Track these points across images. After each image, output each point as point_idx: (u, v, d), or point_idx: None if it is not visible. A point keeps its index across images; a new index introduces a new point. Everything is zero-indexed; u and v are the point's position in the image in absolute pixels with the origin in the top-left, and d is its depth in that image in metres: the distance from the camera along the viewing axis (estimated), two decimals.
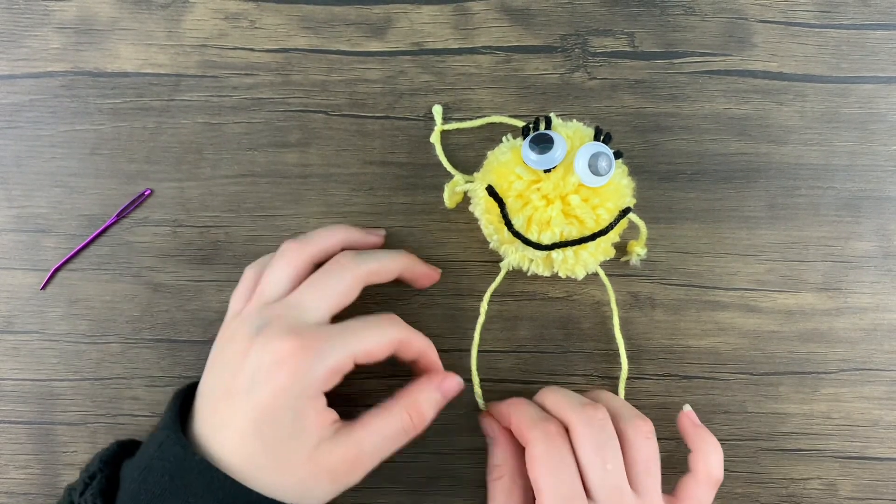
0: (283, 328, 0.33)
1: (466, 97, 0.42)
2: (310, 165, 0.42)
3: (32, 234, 0.42)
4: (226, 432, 0.32)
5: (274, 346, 0.32)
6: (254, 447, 0.32)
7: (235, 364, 0.33)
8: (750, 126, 0.42)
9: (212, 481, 0.31)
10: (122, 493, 0.33)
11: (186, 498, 0.31)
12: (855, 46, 0.43)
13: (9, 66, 0.42)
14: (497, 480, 0.37)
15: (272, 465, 0.32)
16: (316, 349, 0.32)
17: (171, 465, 0.32)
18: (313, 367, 0.32)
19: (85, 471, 0.34)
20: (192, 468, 0.31)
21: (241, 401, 0.32)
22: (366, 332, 0.34)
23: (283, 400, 0.32)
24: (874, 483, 0.41)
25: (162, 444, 0.33)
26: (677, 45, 0.43)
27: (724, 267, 0.42)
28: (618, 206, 0.36)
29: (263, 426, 0.32)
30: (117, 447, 0.36)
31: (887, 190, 0.42)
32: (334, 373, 0.33)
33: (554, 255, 0.37)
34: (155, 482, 0.32)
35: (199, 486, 0.31)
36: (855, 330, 0.42)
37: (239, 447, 0.32)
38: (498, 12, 0.43)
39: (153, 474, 0.32)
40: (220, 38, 0.42)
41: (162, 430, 0.33)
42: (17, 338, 0.42)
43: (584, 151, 0.35)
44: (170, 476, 0.32)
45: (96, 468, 0.34)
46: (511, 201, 0.36)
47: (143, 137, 0.42)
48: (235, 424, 0.32)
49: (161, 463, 0.32)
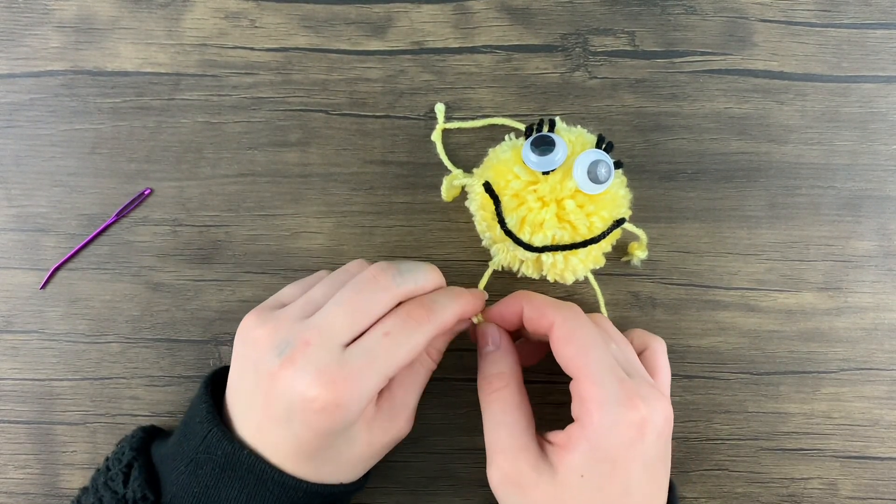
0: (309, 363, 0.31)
1: (467, 96, 0.42)
2: (310, 165, 0.42)
3: (32, 234, 0.42)
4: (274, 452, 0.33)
5: (304, 392, 0.31)
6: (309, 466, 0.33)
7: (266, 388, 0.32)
8: (750, 125, 0.42)
9: (263, 475, 0.32)
10: (169, 484, 0.33)
11: (241, 489, 0.32)
12: (855, 46, 0.43)
13: (8, 66, 0.42)
14: (500, 391, 0.34)
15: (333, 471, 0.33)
16: (349, 396, 0.31)
17: (221, 460, 0.32)
18: (350, 410, 0.31)
19: (116, 460, 0.35)
20: (242, 463, 0.32)
21: (284, 430, 0.32)
22: (396, 350, 0.32)
23: (329, 438, 0.32)
24: (875, 482, 0.41)
25: (206, 438, 0.33)
26: (678, 44, 0.43)
27: (725, 266, 0.42)
28: (612, 215, 0.36)
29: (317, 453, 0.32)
30: (142, 433, 0.36)
31: (888, 189, 0.42)
32: (371, 400, 0.33)
33: (544, 258, 0.37)
34: (206, 475, 0.32)
35: (251, 480, 0.32)
36: (855, 329, 0.42)
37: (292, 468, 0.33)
38: (498, 11, 0.43)
39: (202, 468, 0.32)
40: (220, 37, 0.42)
41: (201, 424, 0.33)
42: (17, 337, 0.41)
43: (585, 158, 0.35)
44: (220, 469, 0.32)
45: (130, 457, 0.34)
46: (507, 200, 0.36)
47: (142, 137, 0.42)
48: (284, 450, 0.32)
49: (208, 457, 0.32)
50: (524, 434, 0.33)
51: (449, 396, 0.41)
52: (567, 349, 0.33)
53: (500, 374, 0.35)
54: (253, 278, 0.41)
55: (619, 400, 0.31)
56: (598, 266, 0.39)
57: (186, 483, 0.32)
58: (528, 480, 0.32)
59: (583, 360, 0.32)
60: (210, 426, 0.33)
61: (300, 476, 0.33)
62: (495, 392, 0.34)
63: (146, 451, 0.35)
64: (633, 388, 0.32)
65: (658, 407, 0.32)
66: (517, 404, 0.34)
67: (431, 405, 0.41)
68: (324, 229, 0.42)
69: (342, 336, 0.32)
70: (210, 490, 0.32)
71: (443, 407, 0.41)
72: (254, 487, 0.32)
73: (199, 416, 0.34)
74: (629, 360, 0.34)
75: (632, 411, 0.31)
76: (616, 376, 0.32)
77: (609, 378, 0.31)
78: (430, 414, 0.41)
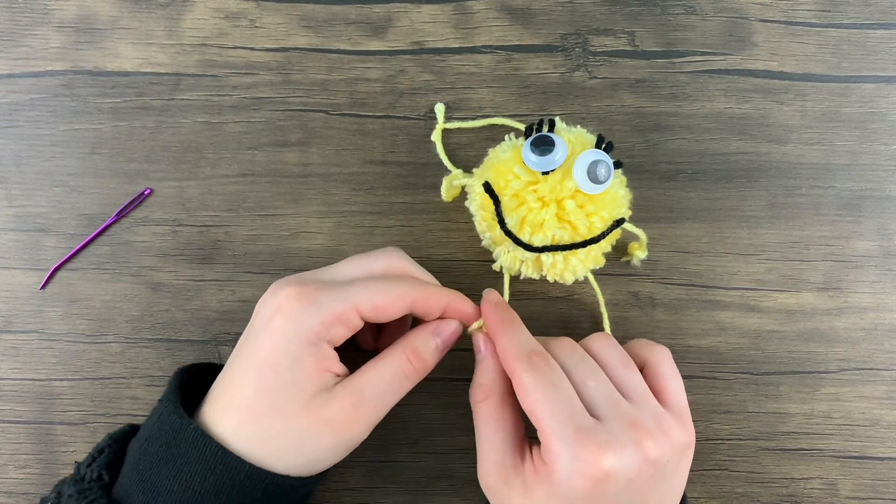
0: (293, 278, 0.34)
1: (467, 96, 0.42)
2: (310, 165, 0.42)
3: (32, 234, 0.42)
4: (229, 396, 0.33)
5: (277, 294, 0.33)
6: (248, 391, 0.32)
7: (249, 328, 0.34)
8: (750, 125, 0.42)
9: (205, 450, 0.31)
10: (125, 466, 0.33)
11: (181, 466, 0.31)
12: (855, 46, 0.43)
13: (8, 66, 0.42)
14: (483, 402, 0.35)
15: (269, 415, 0.32)
16: (315, 296, 0.32)
17: (168, 435, 0.32)
18: (309, 311, 0.32)
19: (94, 447, 0.35)
20: (186, 437, 0.31)
21: (243, 351, 0.33)
22: (373, 285, 0.33)
23: (280, 345, 0.32)
24: (874, 482, 0.41)
25: (161, 414, 0.33)
26: (678, 44, 0.43)
27: (725, 266, 0.42)
28: (612, 215, 0.36)
29: (262, 374, 0.32)
30: (128, 427, 0.36)
31: (888, 189, 0.42)
32: (334, 320, 0.32)
33: (544, 258, 0.37)
34: (153, 452, 0.32)
35: (193, 455, 0.31)
36: (855, 329, 0.42)
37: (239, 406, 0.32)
38: (498, 11, 0.43)
39: (152, 444, 0.32)
40: (220, 37, 0.42)
41: (161, 402, 0.34)
42: (17, 337, 0.41)
43: (584, 158, 0.35)
44: (166, 445, 0.32)
45: (105, 444, 0.34)
46: (507, 200, 0.36)
47: (142, 137, 0.42)
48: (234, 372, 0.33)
49: (159, 433, 0.32)
50: (500, 448, 0.34)
51: (449, 396, 0.41)
52: (524, 401, 0.32)
53: (483, 386, 0.35)
54: (253, 278, 0.41)
55: (574, 455, 0.30)
56: (597, 266, 0.39)
57: (136, 461, 0.32)
58: (502, 494, 0.33)
59: (539, 413, 0.31)
60: (166, 402, 0.33)
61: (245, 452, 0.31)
62: (478, 403, 0.35)
63: (125, 441, 0.35)
64: (594, 439, 0.30)
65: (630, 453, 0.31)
66: (497, 417, 0.34)
67: (431, 405, 0.41)
68: (324, 229, 0.42)
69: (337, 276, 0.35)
70: (153, 468, 0.31)
71: (443, 407, 0.41)
72: (195, 465, 0.31)
73: (163, 394, 0.34)
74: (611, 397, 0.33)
75: (589, 465, 0.30)
76: (574, 427, 0.31)
77: (564, 430, 0.31)
78: (430, 414, 0.41)
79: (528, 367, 0.33)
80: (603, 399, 0.32)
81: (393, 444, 0.41)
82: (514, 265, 0.38)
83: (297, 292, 0.32)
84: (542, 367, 0.33)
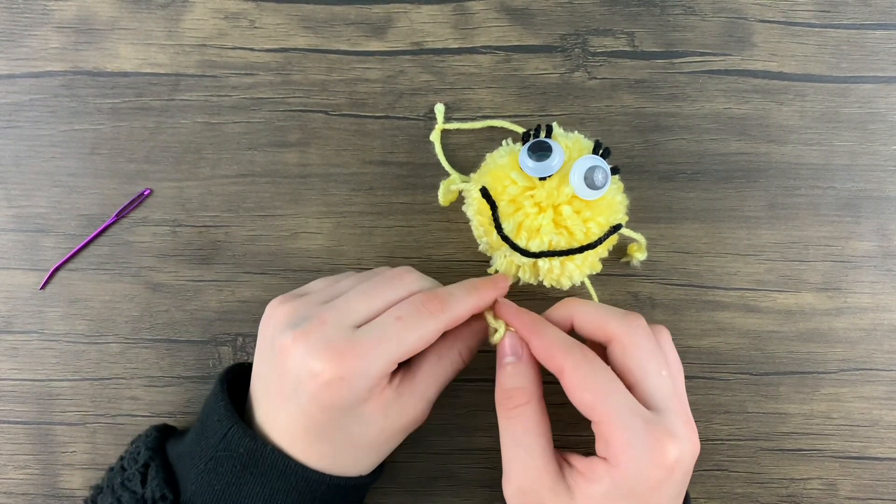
0: (320, 339, 0.31)
1: (466, 97, 0.42)
2: (309, 165, 0.42)
3: (32, 234, 0.42)
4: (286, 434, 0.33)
5: (312, 365, 0.31)
6: (322, 447, 0.33)
7: (279, 361, 0.32)
8: (750, 126, 0.42)
9: (286, 469, 0.32)
10: (188, 483, 0.33)
11: (262, 486, 0.32)
12: (855, 46, 0.43)
13: (8, 66, 0.42)
14: (521, 408, 0.33)
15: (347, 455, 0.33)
16: (354, 371, 0.31)
17: (243, 456, 0.32)
18: (354, 387, 0.31)
19: (132, 459, 0.35)
20: (264, 458, 0.32)
21: (293, 407, 0.32)
22: (405, 335, 0.32)
23: (335, 413, 0.32)
24: (874, 483, 0.41)
25: (226, 435, 0.33)
26: (677, 44, 0.43)
27: (724, 267, 0.42)
28: (609, 221, 0.36)
29: (325, 432, 0.32)
30: (156, 433, 0.36)
31: (887, 190, 0.42)
32: (378, 380, 0.32)
33: (541, 263, 0.36)
34: (227, 472, 0.32)
35: (273, 475, 0.32)
36: (855, 330, 0.42)
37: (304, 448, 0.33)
38: (498, 12, 0.43)
39: (222, 465, 0.32)
40: (220, 38, 0.42)
41: (220, 422, 0.33)
42: (17, 338, 0.41)
43: (582, 163, 0.35)
44: (242, 465, 0.32)
45: (147, 457, 0.34)
46: (504, 205, 0.36)
47: (142, 137, 0.42)
48: (294, 429, 0.32)
49: (229, 454, 0.32)
50: (543, 454, 0.33)
51: (449, 396, 0.41)
52: (583, 396, 0.32)
53: (521, 390, 0.34)
54: (252, 279, 0.41)
55: (647, 445, 0.30)
56: (594, 272, 0.38)
57: (207, 481, 0.32)
58: (544, 502, 0.32)
59: (602, 407, 0.31)
60: (230, 423, 0.33)
61: (318, 465, 0.33)
62: (516, 409, 0.34)
63: (162, 451, 0.35)
64: (662, 429, 0.31)
65: (688, 443, 0.32)
66: (537, 422, 0.33)
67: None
68: (323, 230, 0.42)
69: (358, 317, 0.33)
70: (231, 487, 0.32)
71: (443, 407, 0.41)
72: (277, 482, 0.32)
73: (216, 413, 0.34)
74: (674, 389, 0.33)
75: (661, 455, 0.30)
76: (642, 418, 0.31)
77: (634, 421, 0.31)
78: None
79: (583, 360, 0.32)
80: (667, 393, 0.32)
81: None
82: (511, 270, 0.38)
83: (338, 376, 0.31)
84: (592, 358, 0.32)
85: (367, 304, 0.33)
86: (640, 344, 0.33)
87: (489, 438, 0.41)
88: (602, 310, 0.35)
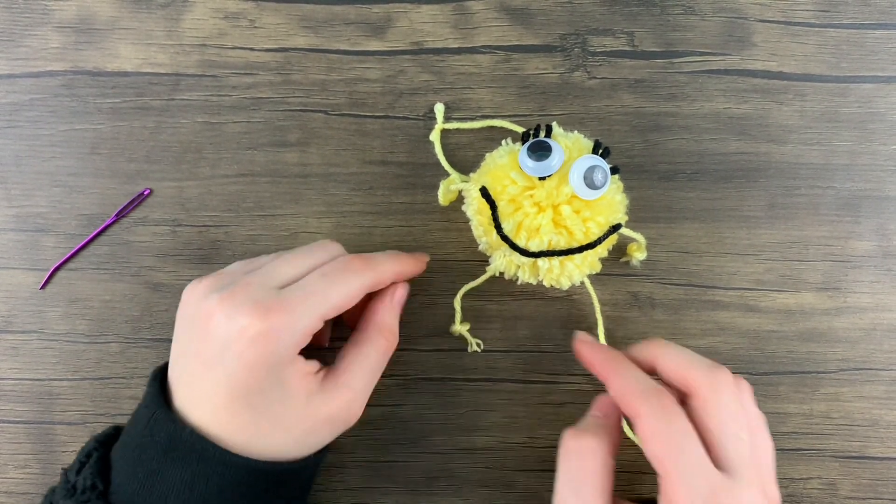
0: (247, 297, 0.32)
1: (466, 96, 0.42)
2: (309, 165, 0.42)
3: (32, 234, 0.42)
4: (208, 405, 0.32)
5: (239, 321, 0.31)
6: (243, 418, 0.32)
7: (201, 328, 0.32)
8: (750, 125, 0.42)
9: (205, 453, 0.31)
10: (116, 474, 0.33)
11: (182, 471, 0.31)
12: (855, 46, 0.43)
13: (8, 66, 0.42)
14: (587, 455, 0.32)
15: (267, 431, 0.32)
16: (282, 325, 0.31)
17: (164, 442, 0.32)
18: (282, 340, 0.32)
19: (81, 451, 0.34)
20: (183, 441, 0.32)
21: (217, 372, 0.32)
22: (331, 290, 0.33)
23: (260, 373, 0.32)
24: (874, 482, 0.41)
25: (149, 421, 0.33)
26: (677, 44, 0.43)
27: (724, 266, 0.42)
28: (609, 221, 0.36)
29: (249, 397, 0.32)
30: (112, 430, 0.36)
31: (887, 189, 0.42)
32: (304, 337, 0.33)
33: (540, 263, 0.36)
34: (150, 459, 0.32)
35: (192, 459, 0.31)
36: (854, 329, 0.42)
37: (227, 419, 0.32)
38: (497, 12, 0.43)
39: (147, 452, 0.32)
40: (220, 38, 0.42)
41: (147, 408, 0.33)
42: (17, 337, 0.41)
43: (581, 163, 0.35)
44: (163, 451, 0.32)
45: (92, 447, 0.34)
46: (503, 205, 0.36)
47: (142, 137, 0.42)
48: (217, 398, 0.32)
49: (153, 440, 0.32)
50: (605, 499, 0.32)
51: (449, 396, 0.41)
52: (654, 447, 0.31)
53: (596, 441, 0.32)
54: None
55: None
56: (594, 272, 0.38)
57: (132, 470, 0.32)
58: None
59: (671, 463, 0.30)
60: (153, 409, 0.33)
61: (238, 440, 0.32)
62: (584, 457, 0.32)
63: (110, 445, 0.35)
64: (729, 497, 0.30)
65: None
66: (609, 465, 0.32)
67: (431, 405, 0.41)
68: (323, 229, 0.42)
69: (283, 280, 0.33)
70: (154, 475, 0.32)
71: (443, 407, 0.41)
72: (196, 466, 0.31)
73: (145, 401, 0.34)
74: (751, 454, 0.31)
75: None
76: (709, 483, 0.30)
77: (700, 485, 0.30)
78: (430, 414, 0.41)
79: (660, 409, 0.31)
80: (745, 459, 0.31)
81: (393, 444, 0.41)
82: (511, 270, 0.38)
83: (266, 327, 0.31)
84: (670, 408, 0.31)
85: (292, 268, 0.34)
86: (724, 402, 0.32)
87: (490, 438, 0.41)
88: (687, 358, 0.33)
